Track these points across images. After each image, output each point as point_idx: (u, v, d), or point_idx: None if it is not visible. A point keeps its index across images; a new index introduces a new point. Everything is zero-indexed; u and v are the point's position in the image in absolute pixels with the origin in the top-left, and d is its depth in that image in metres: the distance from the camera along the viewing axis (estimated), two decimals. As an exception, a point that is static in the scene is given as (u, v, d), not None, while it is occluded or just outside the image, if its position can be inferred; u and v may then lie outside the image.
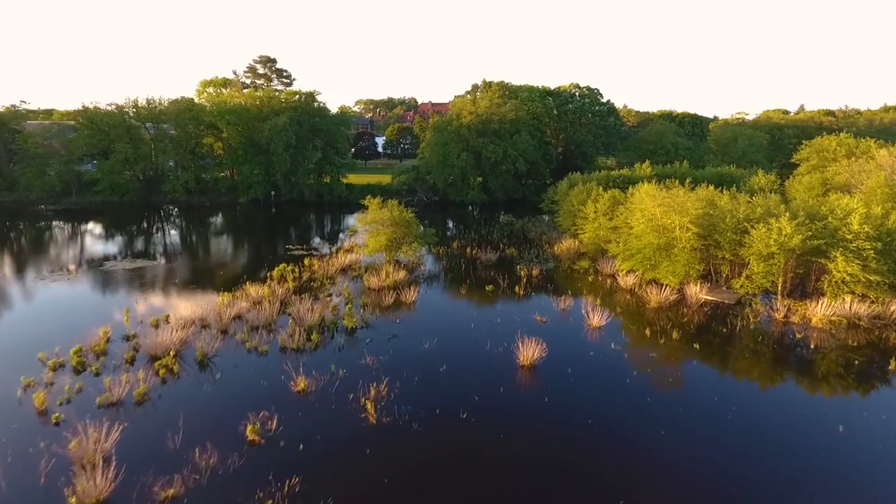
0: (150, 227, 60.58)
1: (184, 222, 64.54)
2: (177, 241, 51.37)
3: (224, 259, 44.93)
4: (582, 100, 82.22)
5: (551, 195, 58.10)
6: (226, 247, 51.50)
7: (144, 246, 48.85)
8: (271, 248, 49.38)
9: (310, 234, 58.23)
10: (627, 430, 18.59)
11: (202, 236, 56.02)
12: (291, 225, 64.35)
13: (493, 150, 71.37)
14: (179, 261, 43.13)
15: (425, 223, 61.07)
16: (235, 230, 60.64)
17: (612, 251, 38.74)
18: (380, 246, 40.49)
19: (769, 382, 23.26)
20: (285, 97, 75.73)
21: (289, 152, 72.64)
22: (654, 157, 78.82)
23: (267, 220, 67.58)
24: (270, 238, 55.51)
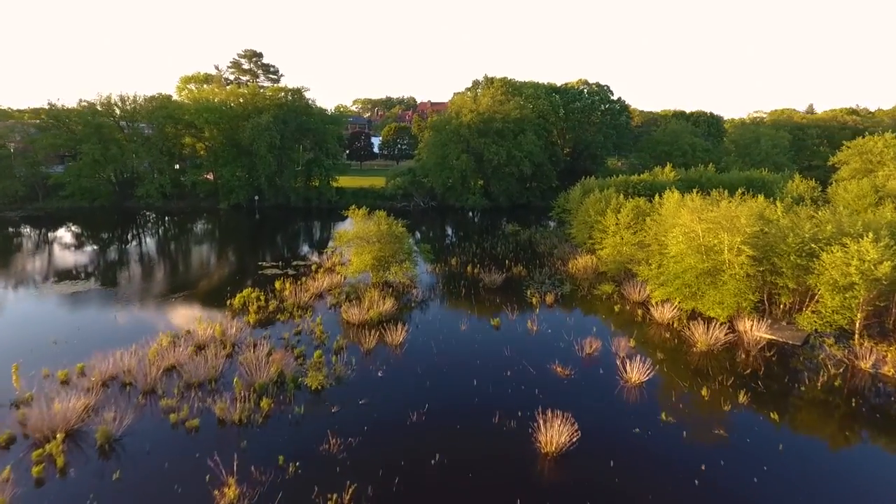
0: (112, 237, 53.85)
1: (153, 232, 57.88)
2: (135, 257, 44.56)
3: (183, 281, 38.02)
4: (591, 97, 75.70)
5: (562, 202, 51.57)
6: (190, 264, 44.64)
7: (96, 262, 42.21)
8: (243, 264, 42.59)
9: (291, 245, 51.58)
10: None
11: (166, 250, 48.89)
12: (273, 234, 57.68)
13: (495, 152, 64.84)
14: (129, 284, 36.40)
15: (421, 233, 54.73)
16: (208, 241, 53.92)
17: (641, 274, 32.11)
18: (365, 266, 33.97)
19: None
20: (270, 94, 69.06)
21: (273, 154, 66.09)
22: (670, 160, 72.28)
23: (247, 229, 60.96)
24: (246, 251, 48.74)
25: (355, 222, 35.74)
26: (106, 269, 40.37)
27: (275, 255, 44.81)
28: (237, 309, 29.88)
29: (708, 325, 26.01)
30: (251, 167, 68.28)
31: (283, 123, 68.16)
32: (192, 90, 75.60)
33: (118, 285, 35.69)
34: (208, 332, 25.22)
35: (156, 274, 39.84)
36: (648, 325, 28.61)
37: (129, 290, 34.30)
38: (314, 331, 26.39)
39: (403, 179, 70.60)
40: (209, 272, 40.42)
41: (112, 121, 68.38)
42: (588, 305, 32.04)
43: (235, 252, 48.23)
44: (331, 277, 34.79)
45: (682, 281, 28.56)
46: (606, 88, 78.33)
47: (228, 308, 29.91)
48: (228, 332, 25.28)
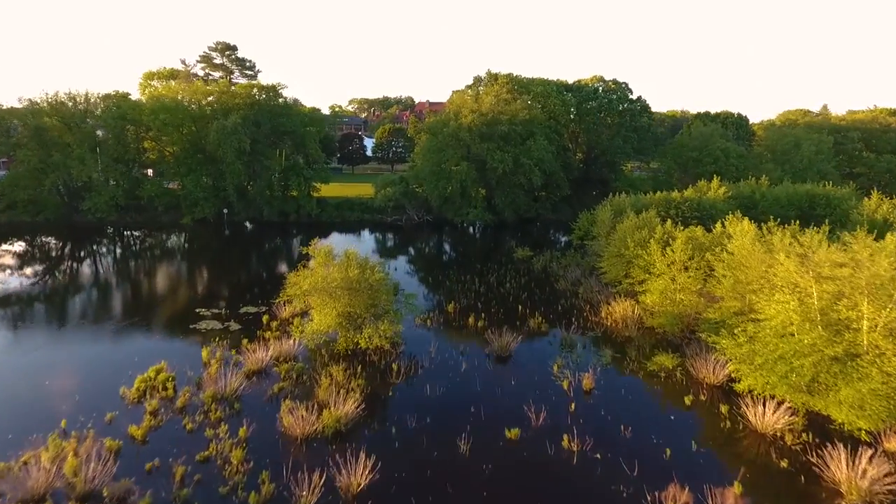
0: (26, 264, 43.37)
1: (83, 255, 47.63)
2: (38, 299, 34.46)
3: (68, 354, 27.15)
4: (607, 95, 65.77)
5: (584, 224, 41.84)
6: (98, 313, 32.65)
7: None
8: (173, 314, 31.59)
9: (250, 279, 41.47)
10: None
11: (74, 288, 36.92)
12: (232, 260, 47.62)
13: (500, 159, 54.99)
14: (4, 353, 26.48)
15: (411, 256, 44.09)
16: (144, 273, 42.59)
17: (719, 346, 22.15)
18: (328, 327, 24.16)
19: None
20: (239, 91, 59.03)
21: (243, 161, 56.28)
22: (699, 167, 62.57)
23: (204, 252, 51.01)
24: (186, 291, 37.75)
25: (315, 265, 25.82)
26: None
27: (223, 297, 34.76)
28: (132, 400, 20.05)
29: (851, 449, 16.26)
30: (218, 176, 58.47)
31: (255, 126, 58.34)
32: (156, 88, 65.50)
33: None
34: (64, 451, 15.56)
35: (33, 336, 28.03)
36: (744, 435, 18.77)
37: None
38: (230, 457, 16.55)
39: (394, 189, 60.74)
40: (117, 331, 28.90)
41: (59, 122, 58.38)
42: (643, 394, 22.12)
43: (171, 292, 36.98)
44: (282, 342, 24.87)
45: (792, 370, 18.72)
46: (625, 86, 68.45)
47: (123, 398, 20.07)
48: (86, 469, 15.33)
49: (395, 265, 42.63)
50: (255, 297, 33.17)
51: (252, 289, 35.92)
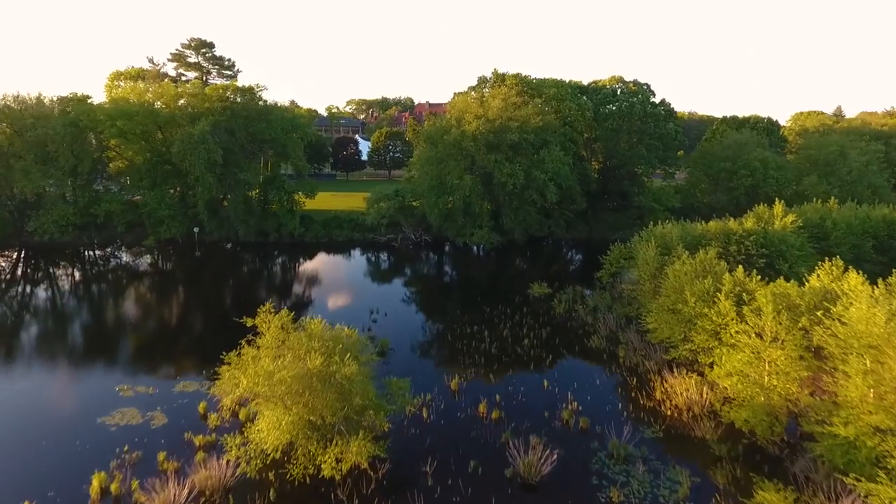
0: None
1: (14, 290, 39.84)
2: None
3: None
4: (628, 98, 57.89)
5: (615, 259, 34.06)
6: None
7: None
8: (88, 392, 23.69)
9: (208, 326, 33.61)
10: None
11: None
12: (193, 297, 39.81)
13: (509, 172, 47.17)
14: None
15: (403, 289, 33.65)
16: (76, 316, 34.78)
17: (861, 489, 14.31)
18: (275, 443, 16.43)
19: None
20: (210, 94, 51.13)
21: (214, 174, 48.42)
22: (734, 179, 54.86)
23: (161, 284, 43.09)
24: (117, 348, 29.68)
25: (264, 342, 17.93)
26: None
27: (159, 362, 26.64)
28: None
29: None
30: (187, 191, 50.72)
31: (229, 133, 50.53)
32: (123, 88, 57.58)
33: None
34: None
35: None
36: None
37: None
38: None
39: (388, 205, 52.88)
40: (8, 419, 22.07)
41: (9, 129, 50.57)
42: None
43: (91, 355, 27.86)
44: (212, 461, 17.08)
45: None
46: (646, 88, 60.65)
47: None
48: None
49: (384, 304, 34.88)
50: (201, 361, 25.22)
51: (202, 346, 28.12)
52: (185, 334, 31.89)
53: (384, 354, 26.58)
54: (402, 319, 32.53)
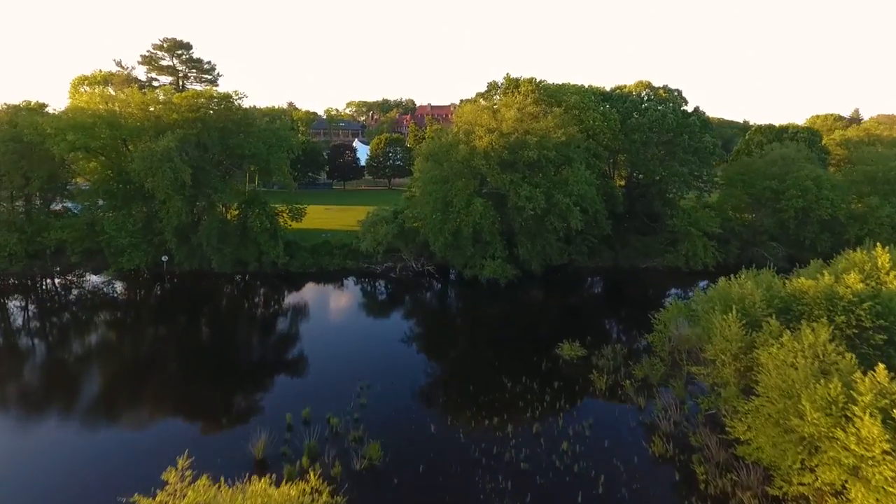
0: None
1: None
2: None
3: None
4: (659, 106, 50.37)
5: (669, 319, 26.62)
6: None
7: None
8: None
9: (160, 387, 26.29)
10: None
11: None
12: (151, 344, 32.30)
13: (528, 195, 39.78)
14: None
15: (394, 329, 26.90)
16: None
17: None
18: None
19: None
20: (178, 103, 43.67)
21: (183, 196, 41.15)
22: (781, 201, 47.42)
23: (109, 329, 35.56)
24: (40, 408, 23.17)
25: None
26: None
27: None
28: None
29: None
30: (152, 215, 43.41)
31: (201, 148, 43.19)
32: (81, 96, 50.12)
33: None
34: None
35: None
36: None
37: None
38: None
39: (386, 230, 45.46)
40: None
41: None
42: None
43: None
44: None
45: None
46: (677, 94, 53.15)
47: None
48: None
49: (375, 362, 27.52)
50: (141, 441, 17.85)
51: (141, 422, 20.70)
52: (118, 400, 24.52)
53: (373, 466, 19.31)
54: (398, 399, 25.01)
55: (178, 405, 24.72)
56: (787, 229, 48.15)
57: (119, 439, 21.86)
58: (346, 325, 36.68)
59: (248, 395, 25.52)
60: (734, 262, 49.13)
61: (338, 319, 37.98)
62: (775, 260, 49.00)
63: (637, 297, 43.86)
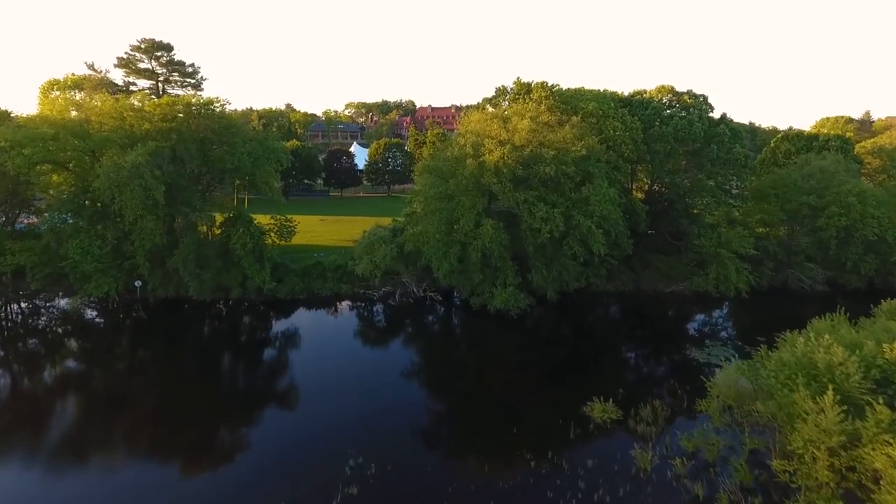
0: None
1: None
2: None
3: None
4: (684, 113, 45.49)
5: (727, 383, 21.85)
6: None
7: None
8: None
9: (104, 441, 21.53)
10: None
11: None
12: (110, 385, 27.27)
13: (545, 217, 34.94)
14: None
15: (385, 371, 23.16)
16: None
17: None
18: None
19: None
20: (152, 111, 38.79)
21: (156, 215, 36.37)
22: (822, 219, 42.64)
23: (67, 365, 30.71)
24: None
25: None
26: None
27: None
28: None
29: None
30: (123, 237, 38.58)
31: (177, 162, 38.34)
32: (45, 104, 45.28)
33: None
34: None
35: None
36: None
37: None
38: None
39: (384, 252, 40.62)
40: None
41: None
42: None
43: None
44: None
45: None
46: (702, 100, 48.33)
47: None
48: None
49: (360, 442, 22.64)
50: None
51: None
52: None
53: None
54: (397, 488, 20.13)
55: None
56: (827, 250, 43.39)
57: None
58: (335, 366, 31.82)
59: (205, 484, 20.67)
60: (768, 285, 44.57)
61: (326, 359, 33.11)
62: (813, 283, 44.44)
63: (667, 328, 39.09)
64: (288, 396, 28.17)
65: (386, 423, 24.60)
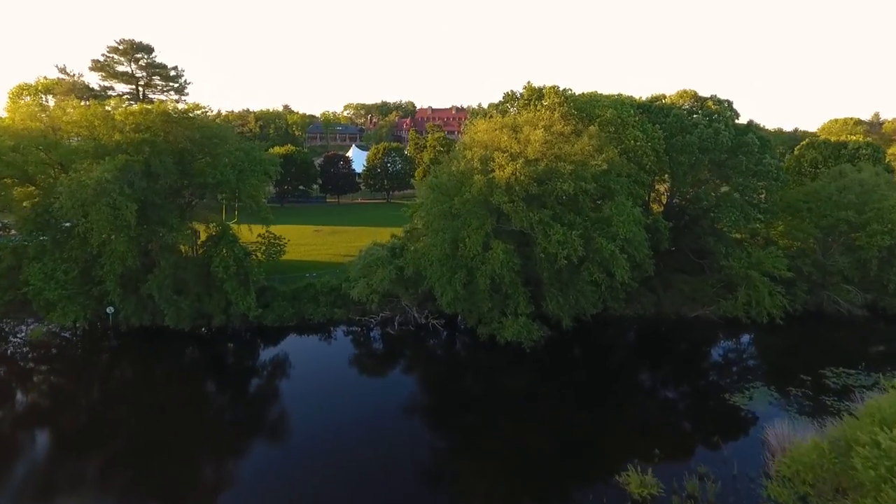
0: None
1: None
2: None
3: None
4: (709, 122, 41.44)
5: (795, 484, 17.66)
6: None
7: None
8: None
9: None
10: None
11: None
12: (69, 429, 23.52)
13: (562, 240, 30.87)
14: None
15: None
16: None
17: None
18: None
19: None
20: (122, 120, 34.64)
21: (127, 236, 32.36)
22: (865, 238, 38.67)
23: (26, 404, 26.83)
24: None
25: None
26: None
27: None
28: None
29: None
30: (92, 259, 34.51)
31: (152, 177, 34.26)
32: (16, 108, 41.11)
33: None
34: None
35: None
36: None
37: None
38: None
39: (383, 274, 36.59)
40: None
41: None
42: None
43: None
44: None
45: None
46: (727, 106, 44.32)
47: None
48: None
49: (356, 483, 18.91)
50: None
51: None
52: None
53: None
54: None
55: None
56: (867, 270, 39.44)
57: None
58: (329, 404, 28.06)
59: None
60: (801, 308, 40.59)
61: (318, 395, 29.26)
62: (851, 307, 40.47)
63: (698, 362, 35.10)
64: (276, 436, 25.24)
65: (384, 463, 21.46)
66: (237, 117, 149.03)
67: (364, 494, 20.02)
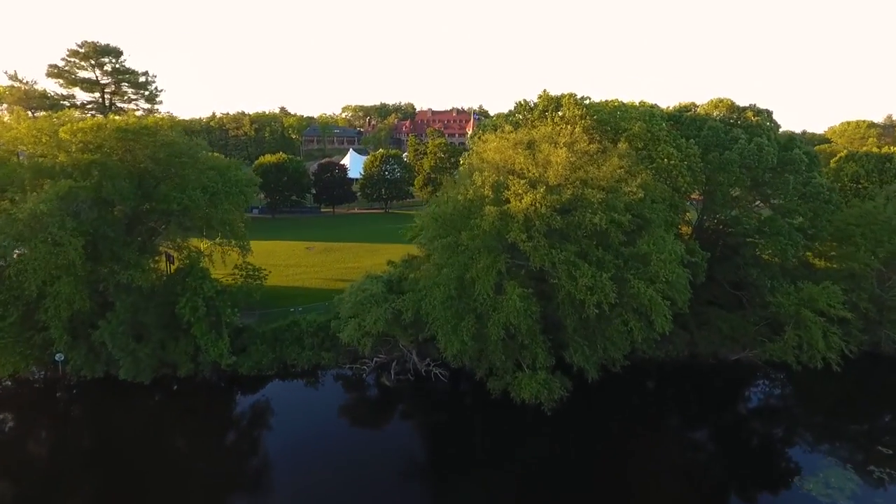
0: None
1: None
2: None
3: None
4: (749, 135, 35.96)
5: None
6: None
7: None
8: None
9: None
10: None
11: None
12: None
13: (592, 284, 25.36)
14: None
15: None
16: None
17: None
18: None
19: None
20: (67, 139, 29.09)
21: (74, 275, 26.98)
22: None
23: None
24: None
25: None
26: None
27: None
28: None
29: None
30: (34, 303, 29.04)
31: (103, 205, 28.80)
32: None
33: None
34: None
35: None
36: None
37: None
38: None
39: (376, 315, 31.05)
40: None
41: None
42: None
43: None
44: None
45: None
46: (766, 115, 38.92)
47: None
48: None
49: None
50: None
51: None
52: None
53: None
54: None
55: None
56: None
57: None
58: (313, 480, 22.74)
59: None
60: (857, 349, 35.09)
61: (301, 463, 23.93)
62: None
63: (748, 423, 29.87)
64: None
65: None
66: (232, 120, 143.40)
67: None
